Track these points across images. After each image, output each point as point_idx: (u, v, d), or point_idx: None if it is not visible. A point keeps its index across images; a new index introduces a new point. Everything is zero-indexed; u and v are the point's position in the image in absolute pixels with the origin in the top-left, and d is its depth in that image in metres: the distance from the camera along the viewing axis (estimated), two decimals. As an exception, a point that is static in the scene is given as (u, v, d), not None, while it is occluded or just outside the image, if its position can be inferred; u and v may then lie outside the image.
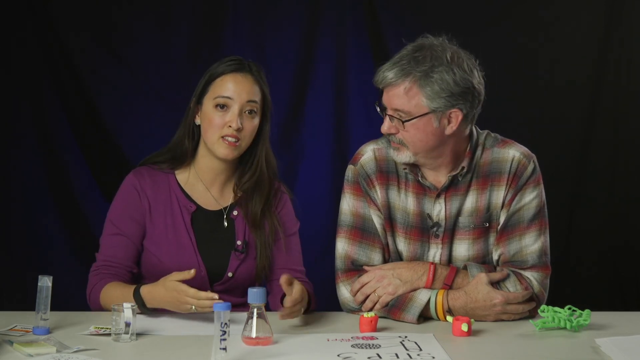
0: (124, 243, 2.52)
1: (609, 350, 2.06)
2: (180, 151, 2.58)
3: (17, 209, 3.78)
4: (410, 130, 2.37)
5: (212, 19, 3.82)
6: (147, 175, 2.57)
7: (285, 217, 2.63)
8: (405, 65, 2.34)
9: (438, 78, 2.33)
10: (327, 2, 3.85)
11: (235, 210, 2.59)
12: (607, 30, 3.88)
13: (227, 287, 2.54)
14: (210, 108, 2.51)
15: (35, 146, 3.78)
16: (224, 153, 2.50)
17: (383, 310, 2.41)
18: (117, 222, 2.53)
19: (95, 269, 2.51)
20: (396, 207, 2.50)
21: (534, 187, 2.47)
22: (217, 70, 2.53)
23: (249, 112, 2.50)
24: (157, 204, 2.54)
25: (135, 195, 2.54)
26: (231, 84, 2.50)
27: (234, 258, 2.55)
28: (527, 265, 2.45)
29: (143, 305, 2.30)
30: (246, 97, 2.50)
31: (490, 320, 2.39)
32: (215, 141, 2.49)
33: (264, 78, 2.56)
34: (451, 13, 3.82)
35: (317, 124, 3.88)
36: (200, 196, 2.58)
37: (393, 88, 2.36)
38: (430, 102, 2.35)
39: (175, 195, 2.56)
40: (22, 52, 3.74)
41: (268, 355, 2.03)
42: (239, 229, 2.57)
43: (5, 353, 2.02)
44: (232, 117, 2.48)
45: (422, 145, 2.39)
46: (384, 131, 2.42)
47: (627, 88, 3.90)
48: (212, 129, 2.49)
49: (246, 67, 2.53)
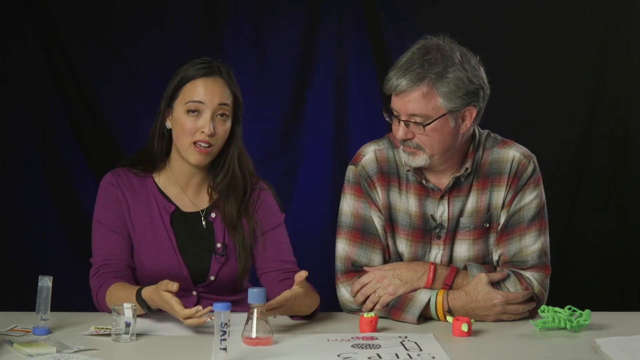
0: (117, 239, 2.51)
1: (609, 350, 2.06)
2: (151, 154, 2.58)
3: (17, 209, 3.78)
4: (430, 134, 2.36)
5: (212, 19, 3.81)
6: (125, 175, 2.57)
7: (267, 211, 2.61)
8: (418, 69, 2.33)
9: (453, 77, 2.33)
10: (327, 2, 3.84)
11: (213, 212, 2.58)
12: (607, 30, 3.88)
13: (211, 289, 2.54)
14: (181, 113, 2.49)
15: (35, 146, 3.77)
16: (196, 160, 2.49)
17: (383, 310, 2.41)
18: (104, 221, 2.53)
19: (95, 272, 2.48)
20: (397, 209, 2.50)
21: (534, 188, 2.47)
22: (188, 74, 2.51)
23: (221, 115, 2.49)
24: (136, 204, 2.54)
25: (115, 192, 2.53)
26: (202, 88, 2.48)
27: (215, 261, 2.54)
28: (527, 265, 2.45)
29: (148, 308, 2.28)
30: (218, 101, 2.48)
31: (490, 320, 2.39)
32: (187, 147, 2.48)
33: (234, 79, 2.55)
34: (451, 13, 3.81)
35: (317, 124, 3.88)
36: (177, 198, 2.57)
37: (408, 94, 2.34)
38: (448, 103, 2.34)
39: (153, 196, 2.56)
40: (22, 52, 3.73)
41: (268, 355, 2.03)
42: (218, 231, 2.56)
43: (5, 353, 2.02)
44: (205, 122, 2.46)
45: (440, 147, 2.38)
46: (399, 137, 2.39)
47: (627, 88, 3.90)
48: (184, 134, 2.48)
49: (216, 70, 2.51)
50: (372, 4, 3.84)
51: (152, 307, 2.28)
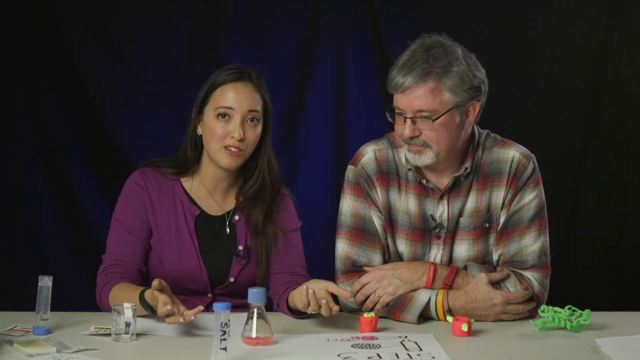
0: (132, 241, 2.51)
1: (609, 350, 2.06)
2: (184, 161, 2.58)
3: (17, 209, 3.78)
4: (437, 129, 2.36)
5: (212, 19, 3.82)
6: (152, 176, 2.56)
7: (287, 216, 2.62)
8: (423, 65, 2.33)
9: (458, 71, 2.35)
10: (327, 2, 3.85)
11: (237, 215, 2.58)
12: (607, 30, 3.88)
13: (228, 291, 2.54)
14: (211, 118, 2.50)
15: (35, 146, 3.77)
16: (227, 163, 2.49)
17: (383, 310, 2.41)
18: (123, 220, 2.52)
19: (103, 270, 2.48)
20: (397, 209, 2.50)
21: (534, 188, 2.47)
22: (217, 79, 2.52)
23: (251, 120, 2.50)
24: (161, 206, 2.54)
25: (141, 193, 2.53)
26: (232, 93, 2.49)
27: (236, 263, 2.55)
28: (527, 265, 2.45)
29: (151, 309, 2.27)
30: (247, 107, 2.49)
31: (490, 320, 2.39)
32: (218, 151, 2.49)
33: (264, 85, 2.55)
34: (451, 13, 3.82)
35: (317, 124, 3.88)
36: (204, 201, 2.58)
37: (415, 90, 2.34)
38: (454, 97, 2.35)
39: (179, 199, 2.56)
40: (22, 52, 3.73)
41: (268, 355, 2.03)
42: (241, 234, 2.57)
43: (5, 353, 2.02)
44: (235, 128, 2.47)
45: (446, 143, 2.38)
46: (406, 136, 2.38)
47: (627, 88, 3.90)
48: (215, 139, 2.48)
49: (246, 76, 2.52)
50: (372, 4, 3.84)
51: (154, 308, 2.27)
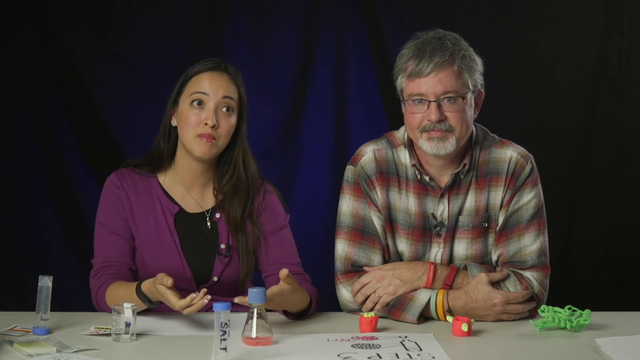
0: (118, 241, 2.51)
1: (609, 350, 2.06)
2: (157, 154, 2.57)
3: (17, 209, 3.78)
4: (461, 112, 2.37)
5: (212, 19, 3.82)
6: (128, 176, 2.56)
7: (272, 213, 2.60)
8: (444, 49, 2.36)
9: (471, 56, 2.41)
10: (327, 2, 3.85)
11: (218, 212, 2.57)
12: (608, 29, 3.88)
13: (213, 290, 2.54)
14: (186, 106, 2.49)
15: (35, 146, 3.78)
16: (201, 151, 2.47)
17: (383, 310, 2.41)
18: (106, 222, 2.52)
19: (95, 274, 2.48)
20: (397, 208, 2.50)
21: (532, 187, 2.48)
22: (193, 69, 2.53)
23: (226, 109, 2.49)
24: (139, 205, 2.53)
25: (118, 193, 2.53)
26: (207, 81, 2.49)
27: (218, 262, 2.54)
28: (526, 265, 2.45)
29: (149, 301, 2.28)
30: (222, 93, 2.48)
31: (490, 320, 2.39)
32: (192, 139, 2.47)
33: (241, 79, 2.55)
34: (451, 12, 3.81)
35: (317, 124, 3.88)
36: (181, 198, 2.57)
37: (441, 72, 2.35)
38: (472, 81, 2.40)
39: (157, 196, 2.55)
40: (23, 52, 3.74)
41: (268, 355, 2.03)
42: (222, 232, 2.56)
43: (5, 353, 2.02)
44: (208, 114, 2.46)
45: (466, 128, 2.41)
46: (434, 119, 2.36)
47: (627, 88, 3.90)
48: (188, 127, 2.47)
49: (222, 67, 2.53)
50: (372, 4, 3.84)
51: (152, 300, 2.28)
